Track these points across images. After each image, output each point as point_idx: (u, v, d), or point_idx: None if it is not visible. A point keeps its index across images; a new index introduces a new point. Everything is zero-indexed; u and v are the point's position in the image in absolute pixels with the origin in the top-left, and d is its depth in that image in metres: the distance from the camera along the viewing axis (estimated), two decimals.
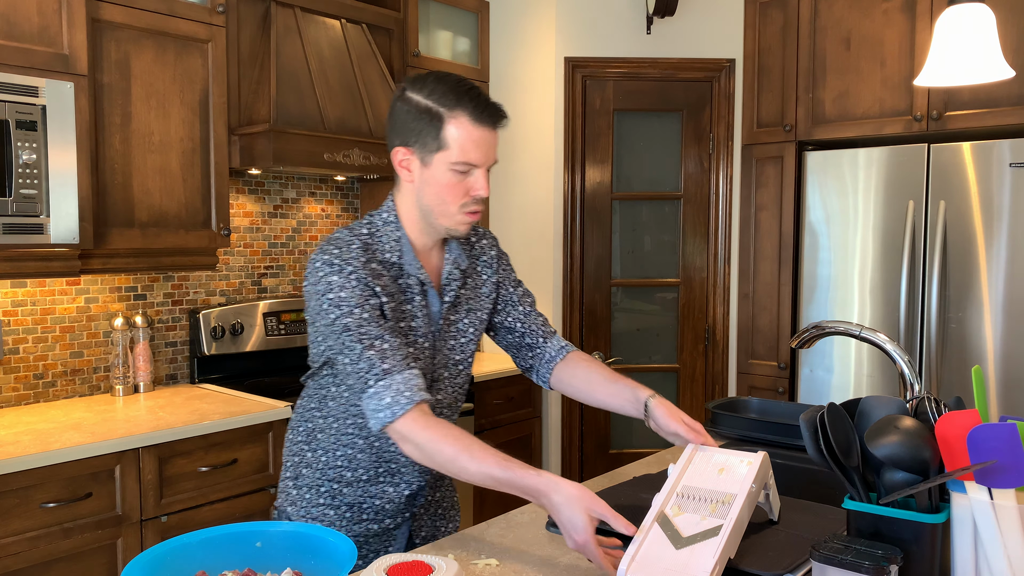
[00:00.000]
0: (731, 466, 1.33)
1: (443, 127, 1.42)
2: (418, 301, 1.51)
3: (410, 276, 1.51)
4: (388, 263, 1.49)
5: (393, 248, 1.50)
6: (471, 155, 1.42)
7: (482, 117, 1.42)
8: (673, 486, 1.32)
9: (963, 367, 2.91)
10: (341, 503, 1.58)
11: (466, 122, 1.41)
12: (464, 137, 1.42)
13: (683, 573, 1.14)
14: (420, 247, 1.54)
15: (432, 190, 1.46)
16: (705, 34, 3.50)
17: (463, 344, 1.60)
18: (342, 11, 3.17)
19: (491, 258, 1.66)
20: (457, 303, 1.58)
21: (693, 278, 3.60)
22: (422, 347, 1.52)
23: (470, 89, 1.44)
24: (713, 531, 1.20)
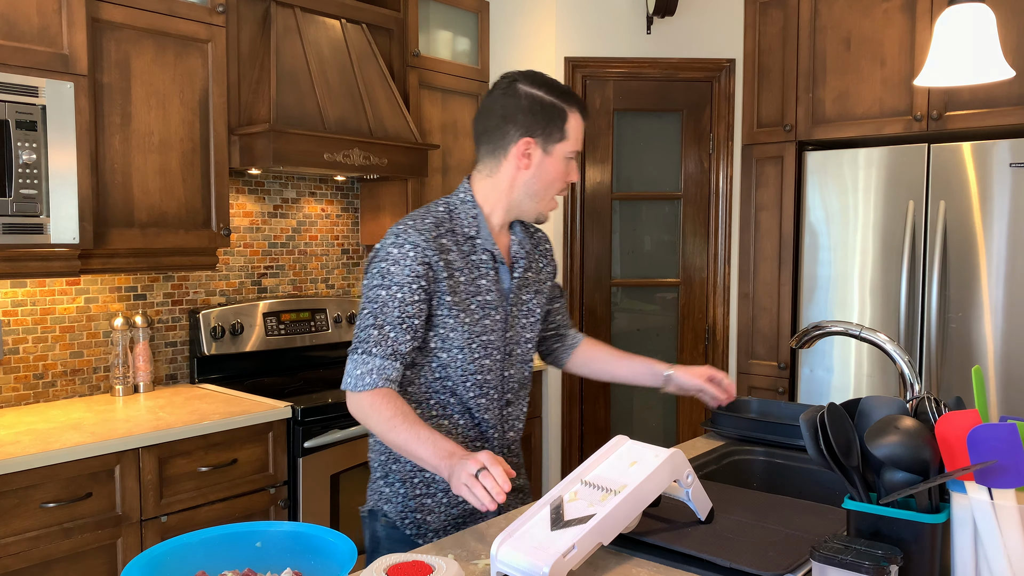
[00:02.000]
0: (643, 460, 1.35)
1: (566, 121, 1.62)
2: (491, 276, 1.65)
3: (483, 252, 1.64)
4: (463, 238, 1.63)
5: (471, 224, 1.65)
6: (580, 145, 1.66)
7: (585, 113, 1.67)
8: (580, 473, 1.35)
9: (963, 367, 2.91)
10: (436, 489, 1.65)
11: (578, 116, 1.64)
12: (578, 129, 1.65)
13: (544, 551, 1.17)
14: (495, 227, 1.69)
15: (546, 177, 1.64)
16: (705, 34, 3.50)
17: (531, 324, 1.74)
18: (342, 11, 3.17)
19: (548, 250, 1.84)
20: (526, 283, 1.72)
21: (693, 278, 3.60)
22: (495, 320, 1.65)
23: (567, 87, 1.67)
24: (587, 518, 1.23)
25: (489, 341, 1.64)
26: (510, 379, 1.70)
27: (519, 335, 1.71)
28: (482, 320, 1.62)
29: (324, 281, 3.54)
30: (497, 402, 1.68)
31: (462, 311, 1.60)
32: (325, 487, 2.73)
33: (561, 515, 1.26)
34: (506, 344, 1.67)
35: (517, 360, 1.71)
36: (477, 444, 1.68)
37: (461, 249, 1.62)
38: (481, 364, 1.63)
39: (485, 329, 1.63)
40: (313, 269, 3.49)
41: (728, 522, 1.44)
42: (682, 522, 1.43)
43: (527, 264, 1.72)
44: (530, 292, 1.73)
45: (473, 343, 1.61)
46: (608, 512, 1.23)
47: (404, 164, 3.16)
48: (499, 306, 1.65)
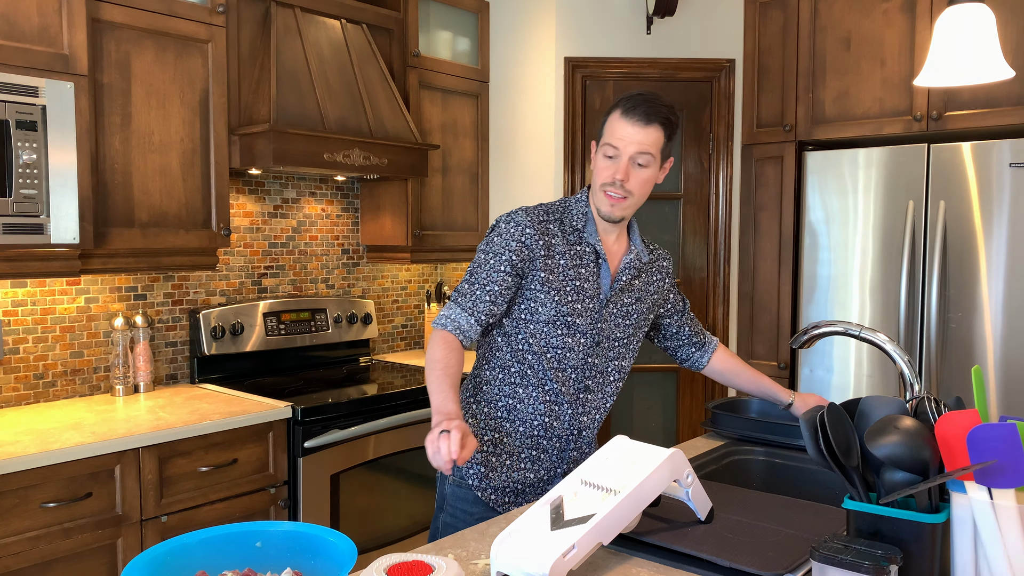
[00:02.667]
0: (643, 460, 1.35)
1: (607, 119, 1.76)
2: (591, 268, 1.79)
3: (587, 245, 1.79)
4: (572, 229, 1.79)
5: (580, 219, 1.81)
6: (612, 139, 1.72)
7: (628, 112, 1.71)
8: (580, 473, 1.36)
9: (963, 367, 2.91)
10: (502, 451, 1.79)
11: (617, 114, 1.73)
12: (613, 125, 1.73)
13: (544, 551, 1.18)
14: (603, 228, 1.82)
15: (595, 170, 1.78)
16: (705, 34, 3.50)
17: (626, 325, 1.85)
18: (342, 11, 3.17)
19: (665, 268, 1.95)
20: (631, 288, 1.85)
21: (693, 278, 3.60)
22: (587, 306, 1.78)
23: (640, 93, 1.74)
24: (587, 518, 1.23)
25: (575, 323, 1.76)
26: (594, 367, 1.81)
27: (610, 330, 1.82)
28: (573, 302, 1.76)
29: (324, 281, 3.54)
30: (575, 381, 1.79)
31: (554, 289, 1.74)
32: (325, 487, 2.74)
33: (561, 515, 1.26)
34: (595, 332, 1.79)
35: (604, 351, 1.82)
36: (545, 419, 1.79)
37: (567, 238, 1.78)
38: (564, 341, 1.76)
39: (574, 311, 1.76)
40: (313, 269, 3.49)
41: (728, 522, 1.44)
42: (682, 522, 1.43)
43: (635, 274, 1.85)
44: (632, 296, 1.85)
45: (559, 320, 1.75)
46: (608, 512, 1.23)
47: (404, 164, 3.16)
48: (595, 296, 1.78)
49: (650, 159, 1.72)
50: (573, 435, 1.83)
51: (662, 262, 1.97)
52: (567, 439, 1.82)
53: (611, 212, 1.76)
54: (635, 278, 1.86)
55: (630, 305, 1.86)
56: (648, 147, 1.72)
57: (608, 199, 1.74)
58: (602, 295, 1.80)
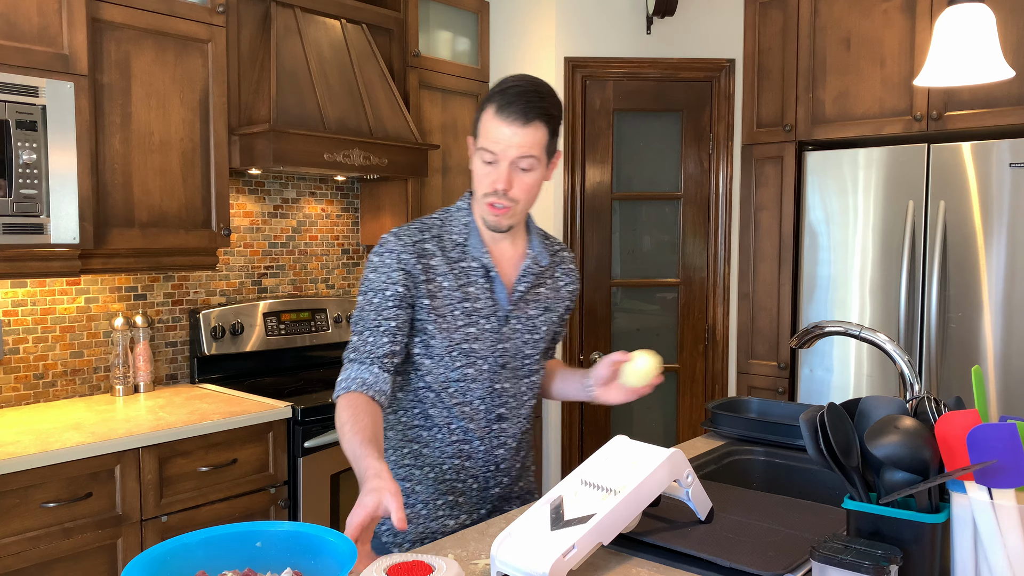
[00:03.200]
0: (643, 460, 1.35)
1: (480, 117, 1.54)
2: (481, 284, 1.59)
3: (474, 260, 1.60)
4: (453, 244, 1.60)
5: (461, 231, 1.61)
6: (489, 143, 1.51)
7: (504, 109, 1.49)
8: (580, 473, 1.35)
9: (963, 367, 2.91)
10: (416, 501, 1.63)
11: (491, 112, 1.51)
12: (487, 126, 1.52)
13: (544, 551, 1.18)
14: (489, 237, 1.63)
15: (474, 175, 1.57)
16: (705, 34, 3.50)
17: (536, 340, 1.66)
18: (342, 11, 3.17)
19: (571, 271, 1.76)
20: (535, 298, 1.66)
21: (693, 278, 3.60)
22: (483, 328, 1.59)
23: (514, 84, 1.52)
24: (587, 518, 1.23)
25: (473, 350, 1.58)
26: (503, 392, 1.63)
27: (517, 348, 1.63)
28: (465, 328, 1.57)
29: (324, 281, 3.54)
30: (484, 414, 1.61)
31: (441, 316, 1.56)
32: (325, 487, 2.74)
33: (561, 515, 1.26)
34: (498, 355, 1.61)
35: (514, 372, 1.64)
36: (455, 461, 1.62)
37: (447, 255, 1.59)
38: (464, 372, 1.58)
39: (468, 337, 1.57)
40: (313, 269, 3.49)
41: (728, 522, 1.44)
42: (682, 522, 1.43)
43: (536, 280, 1.66)
44: (538, 308, 1.66)
45: (454, 350, 1.57)
46: (608, 512, 1.23)
47: (404, 164, 3.16)
48: (490, 316, 1.59)
49: (534, 162, 1.52)
50: (491, 471, 1.65)
51: (568, 264, 1.76)
52: (485, 477, 1.64)
53: (497, 223, 1.56)
54: (537, 286, 1.66)
55: (536, 317, 1.66)
56: (529, 149, 1.50)
57: (492, 210, 1.54)
58: (500, 313, 1.60)
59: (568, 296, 1.74)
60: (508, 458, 1.66)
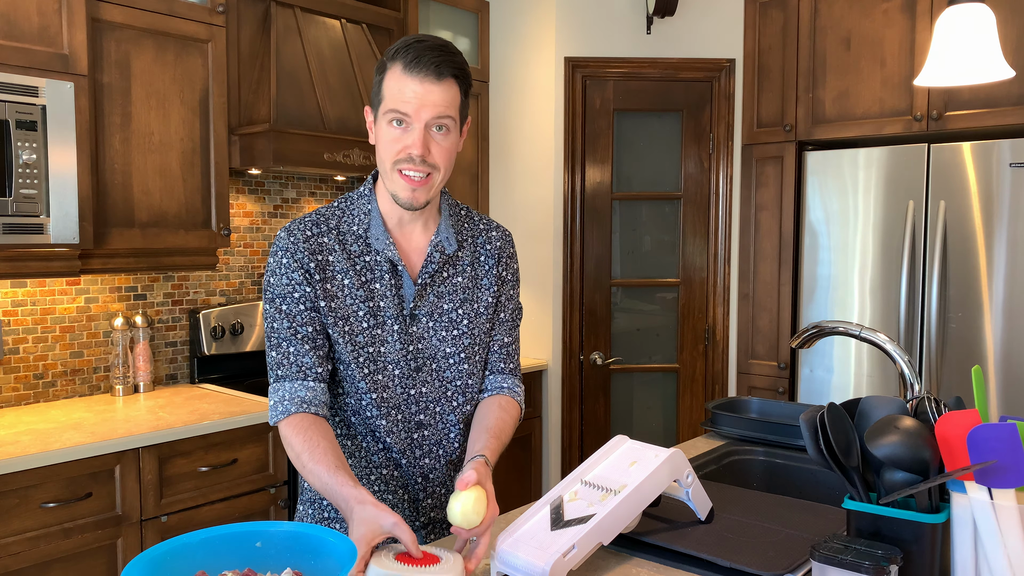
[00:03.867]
0: (643, 460, 1.34)
1: (384, 78, 1.37)
2: (387, 280, 1.43)
3: (378, 252, 1.44)
4: (354, 236, 1.44)
5: (361, 221, 1.45)
6: (399, 103, 1.34)
7: (414, 64, 1.33)
8: (580, 473, 1.35)
9: (963, 367, 2.91)
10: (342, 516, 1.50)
11: (399, 70, 1.35)
12: (395, 85, 1.35)
13: (544, 551, 1.18)
14: (395, 223, 1.46)
15: (378, 147, 1.40)
16: (705, 34, 3.50)
17: (456, 336, 1.48)
18: (342, 11, 3.17)
19: (496, 249, 1.54)
20: (449, 289, 1.48)
21: (693, 278, 3.60)
22: (390, 330, 1.43)
23: (419, 41, 1.36)
24: (587, 518, 1.23)
25: (380, 353, 1.43)
26: (423, 397, 1.47)
27: (433, 349, 1.46)
28: (372, 330, 1.42)
29: None
30: (403, 424, 1.46)
31: (341, 319, 1.41)
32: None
33: (561, 515, 1.26)
34: (411, 359, 1.45)
35: (434, 376, 1.47)
36: (383, 471, 1.48)
37: (348, 249, 1.43)
38: (375, 380, 1.43)
39: (374, 339, 1.42)
40: None
41: (728, 522, 1.44)
42: (682, 522, 1.43)
43: (445, 269, 1.48)
44: (453, 300, 1.48)
45: (360, 356, 1.42)
46: (608, 512, 1.23)
47: None
48: (396, 315, 1.43)
49: (450, 122, 1.36)
50: (419, 483, 1.49)
51: (492, 243, 1.54)
52: (415, 489, 1.50)
53: (413, 198, 1.39)
54: (452, 275, 1.48)
55: (452, 311, 1.48)
56: (446, 107, 1.35)
57: (407, 182, 1.37)
58: (405, 311, 1.44)
59: (492, 281, 1.53)
60: (438, 468, 1.51)
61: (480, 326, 1.51)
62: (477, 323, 1.51)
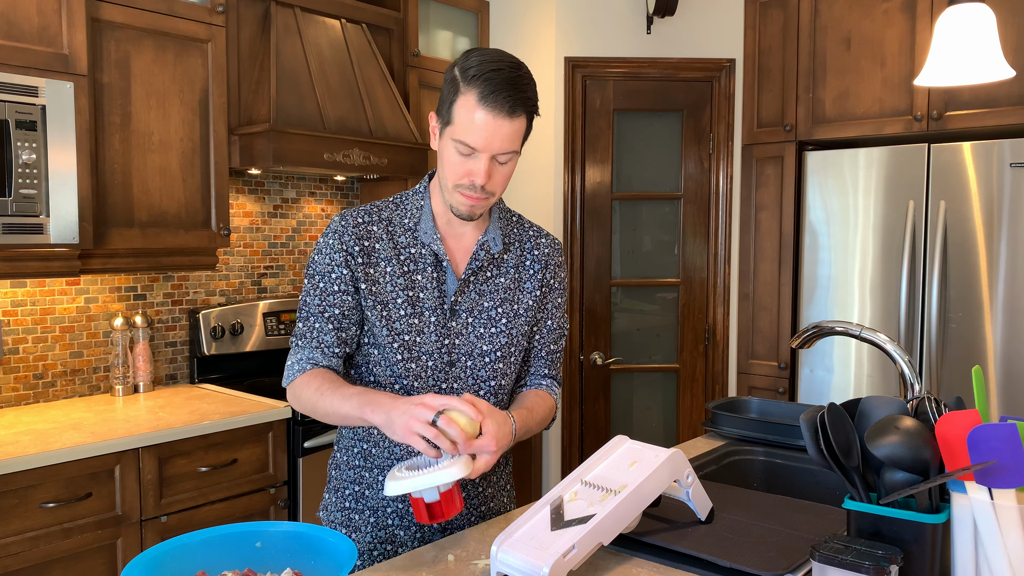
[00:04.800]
0: (643, 460, 1.35)
1: (456, 100, 1.38)
2: (429, 273, 1.49)
3: (424, 246, 1.49)
4: (403, 228, 1.50)
5: (413, 215, 1.51)
6: (470, 136, 1.37)
7: (491, 99, 1.34)
8: (580, 473, 1.35)
9: (963, 367, 2.91)
10: (364, 506, 1.55)
11: (472, 100, 1.36)
12: (467, 115, 1.36)
13: (544, 551, 1.18)
14: (445, 222, 1.52)
15: (440, 162, 1.45)
16: (705, 34, 3.50)
17: (493, 335, 1.51)
18: (342, 11, 3.17)
19: (544, 255, 1.59)
20: (492, 288, 1.52)
21: (693, 278, 3.60)
22: (427, 321, 1.47)
23: (496, 69, 1.36)
24: (587, 518, 1.23)
25: (416, 343, 1.47)
26: (454, 394, 1.50)
27: (469, 344, 1.50)
28: (408, 319, 1.46)
29: None
30: None
31: (380, 303, 1.46)
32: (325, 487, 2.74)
33: (561, 515, 1.26)
34: (446, 352, 1.48)
35: (467, 372, 1.50)
36: None
37: (395, 240, 1.49)
38: (406, 368, 1.47)
39: (411, 328, 1.46)
40: None
41: (728, 522, 1.44)
42: (682, 522, 1.43)
43: (489, 268, 1.52)
44: (494, 299, 1.52)
45: (395, 342, 1.46)
46: (608, 512, 1.23)
47: (404, 164, 3.16)
48: (436, 307, 1.48)
49: (513, 155, 1.41)
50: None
51: (540, 249, 1.58)
52: None
53: (471, 212, 1.45)
54: (495, 275, 1.53)
55: (492, 309, 1.51)
56: (512, 144, 1.39)
57: (467, 199, 1.43)
58: (446, 305, 1.49)
59: (535, 285, 1.57)
60: None
61: (518, 327, 1.55)
62: (516, 324, 1.54)
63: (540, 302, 1.58)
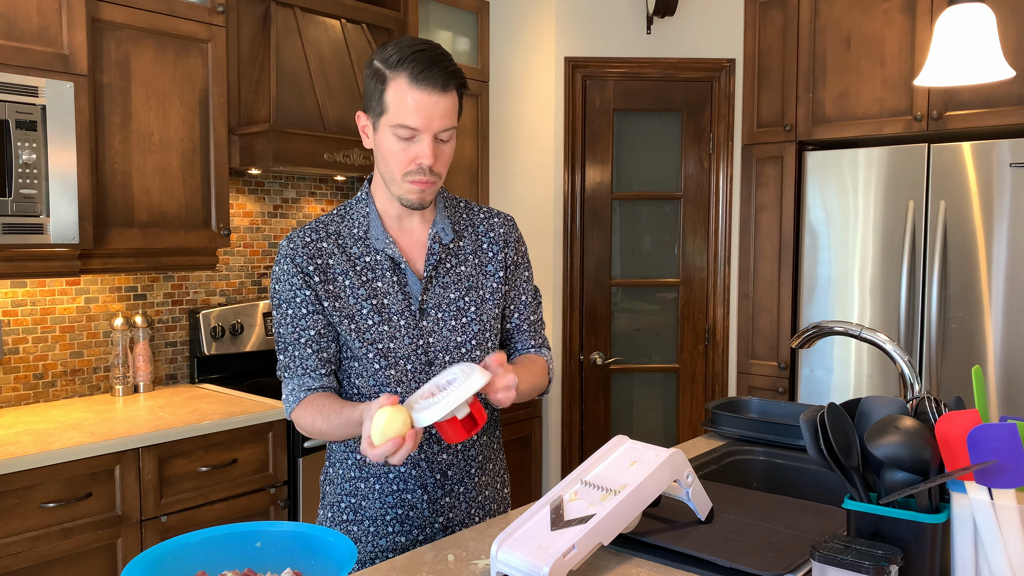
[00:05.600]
0: (643, 460, 1.35)
1: (386, 89, 1.38)
2: (389, 277, 1.48)
3: (378, 252, 1.49)
4: (354, 239, 1.49)
5: (360, 223, 1.50)
6: (408, 118, 1.36)
7: (422, 77, 1.35)
8: (580, 473, 1.35)
9: (963, 367, 2.91)
10: (363, 517, 1.55)
11: (404, 82, 1.36)
12: (401, 98, 1.36)
13: (544, 551, 1.17)
14: (393, 220, 1.51)
15: (381, 156, 1.44)
16: (705, 34, 3.50)
17: (465, 324, 1.51)
18: (342, 11, 3.17)
19: (500, 235, 1.58)
20: (454, 279, 1.52)
21: (693, 278, 3.60)
22: (397, 326, 1.47)
23: (420, 50, 1.37)
24: (587, 518, 1.23)
25: (390, 350, 1.47)
26: None
27: (444, 340, 1.50)
28: (377, 327, 1.46)
29: None
30: None
31: (347, 318, 1.46)
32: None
33: (561, 515, 1.26)
34: (422, 352, 1.49)
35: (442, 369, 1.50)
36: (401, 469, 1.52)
37: (348, 252, 1.48)
38: (386, 375, 1.48)
39: (382, 336, 1.46)
40: None
41: (728, 522, 1.44)
42: (682, 522, 1.43)
43: (450, 258, 1.52)
44: (459, 289, 1.52)
45: (369, 352, 1.47)
46: (608, 512, 1.23)
47: None
48: (403, 311, 1.48)
49: (452, 132, 1.42)
50: (436, 479, 1.53)
51: (495, 230, 1.58)
52: (433, 486, 1.53)
53: (421, 199, 1.45)
54: (455, 264, 1.52)
55: (459, 300, 1.51)
56: (451, 118, 1.40)
57: (416, 186, 1.42)
58: (413, 307, 1.48)
59: (497, 267, 1.56)
60: (454, 463, 1.55)
61: (488, 311, 1.55)
62: (484, 309, 1.54)
63: (507, 282, 1.59)
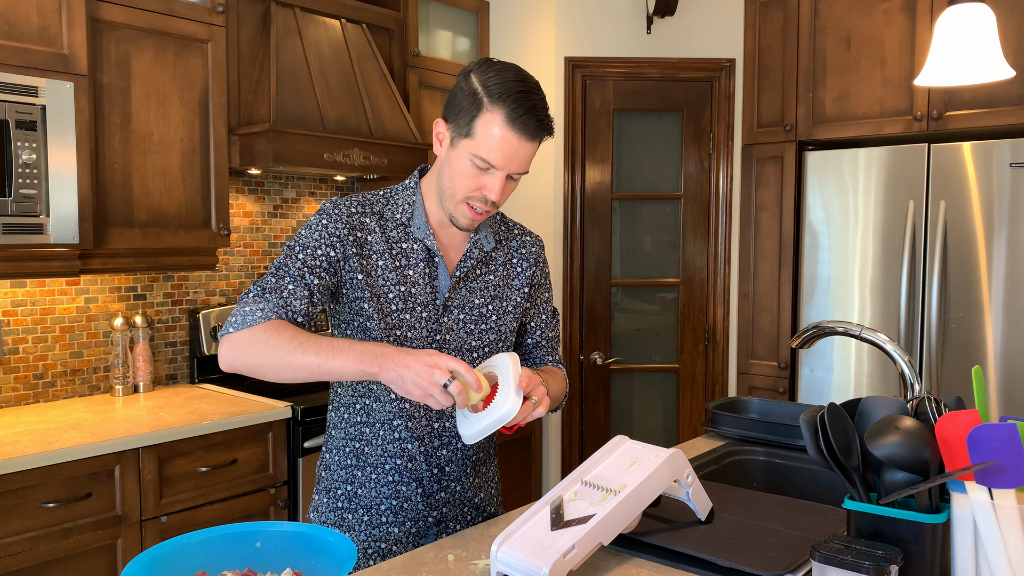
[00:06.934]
0: (643, 460, 1.35)
1: (478, 116, 1.39)
2: (421, 268, 1.50)
3: (417, 241, 1.50)
4: (395, 223, 1.51)
5: (405, 210, 1.52)
6: (492, 155, 1.39)
7: (519, 123, 1.38)
8: (580, 473, 1.35)
9: (963, 367, 2.91)
10: (358, 505, 1.56)
11: (500, 119, 1.38)
12: (490, 133, 1.39)
13: (544, 551, 1.18)
14: (437, 221, 1.53)
15: (449, 172, 1.45)
16: (705, 34, 3.50)
17: (483, 331, 1.54)
18: (342, 11, 3.17)
19: (531, 253, 1.63)
20: (482, 286, 1.55)
21: (693, 278, 3.60)
22: (419, 317, 1.49)
23: (523, 91, 1.39)
24: (587, 518, 1.23)
25: (407, 339, 1.48)
26: None
27: (460, 341, 1.52)
28: (400, 313, 1.47)
29: None
30: (424, 411, 1.52)
31: (374, 296, 1.46)
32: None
33: (561, 515, 1.26)
34: (437, 347, 1.50)
35: None
36: (397, 461, 1.53)
37: (388, 234, 1.49)
38: None
39: (402, 323, 1.47)
40: None
41: (728, 522, 1.44)
42: (682, 522, 1.43)
43: (478, 264, 1.55)
44: (484, 296, 1.55)
45: (388, 337, 1.46)
46: (608, 512, 1.23)
47: (404, 164, 3.16)
48: (428, 303, 1.49)
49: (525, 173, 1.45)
50: (434, 475, 1.54)
51: (527, 248, 1.63)
52: (429, 481, 1.54)
53: (471, 225, 1.48)
54: (485, 272, 1.56)
55: (483, 306, 1.55)
56: (529, 164, 1.44)
57: (471, 213, 1.45)
58: (438, 301, 1.50)
59: (524, 283, 1.61)
60: (455, 461, 1.56)
61: (507, 324, 1.59)
62: (504, 321, 1.58)
63: (529, 299, 1.64)
